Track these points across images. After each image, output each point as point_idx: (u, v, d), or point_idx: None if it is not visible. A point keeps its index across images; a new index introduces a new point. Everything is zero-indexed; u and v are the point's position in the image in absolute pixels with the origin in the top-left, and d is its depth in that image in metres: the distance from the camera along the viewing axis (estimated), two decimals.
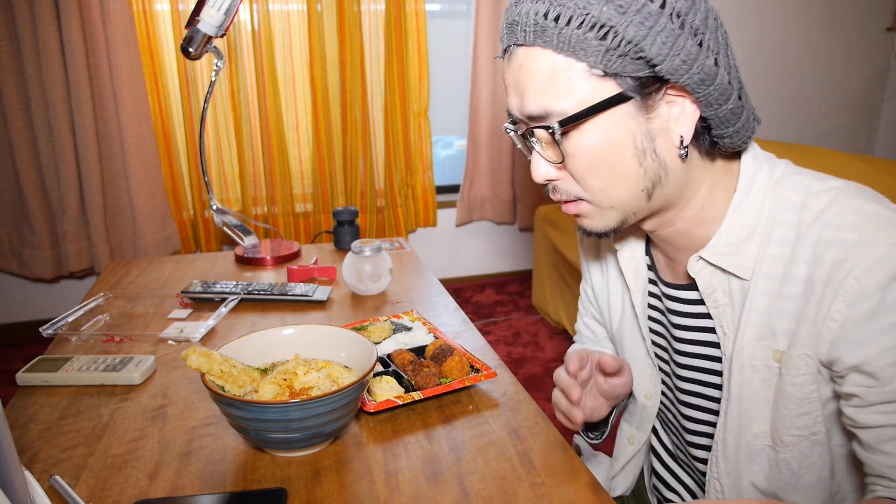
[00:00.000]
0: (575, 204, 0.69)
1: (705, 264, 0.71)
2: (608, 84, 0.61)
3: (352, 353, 0.81)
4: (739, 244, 0.69)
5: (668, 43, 0.58)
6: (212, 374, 0.72)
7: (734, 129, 0.65)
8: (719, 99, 0.62)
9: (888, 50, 3.67)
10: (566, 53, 0.60)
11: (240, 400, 0.67)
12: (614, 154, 0.64)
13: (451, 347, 0.93)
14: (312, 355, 0.82)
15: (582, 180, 0.66)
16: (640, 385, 0.90)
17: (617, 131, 0.63)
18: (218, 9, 1.22)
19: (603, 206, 0.68)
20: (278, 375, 0.75)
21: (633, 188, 0.66)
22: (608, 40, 0.58)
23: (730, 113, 0.64)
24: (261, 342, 0.83)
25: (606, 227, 0.70)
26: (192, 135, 2.66)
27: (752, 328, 0.68)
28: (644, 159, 0.64)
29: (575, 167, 0.66)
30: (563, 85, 0.62)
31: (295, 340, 0.84)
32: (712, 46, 0.60)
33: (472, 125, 3.06)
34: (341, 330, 0.84)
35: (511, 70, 0.66)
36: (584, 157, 0.64)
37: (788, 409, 0.67)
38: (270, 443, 0.71)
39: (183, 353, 0.72)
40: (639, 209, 0.68)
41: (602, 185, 0.66)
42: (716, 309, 0.72)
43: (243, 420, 0.68)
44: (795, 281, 0.65)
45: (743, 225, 0.69)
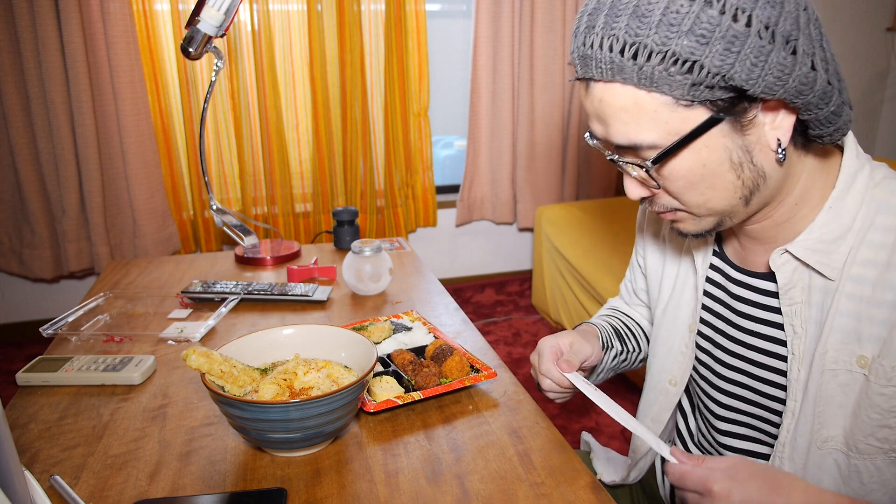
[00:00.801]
0: (672, 213, 0.69)
1: (790, 258, 0.69)
2: (698, 110, 0.58)
3: (352, 353, 0.81)
4: (831, 242, 0.67)
5: (759, 64, 0.54)
6: (212, 374, 0.72)
7: (835, 127, 0.63)
8: (819, 104, 0.59)
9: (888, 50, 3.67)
10: (648, 89, 0.58)
11: (240, 400, 0.67)
12: (711, 172, 0.62)
13: (451, 347, 0.93)
14: (312, 355, 0.82)
15: (680, 197, 0.66)
16: (665, 369, 0.87)
17: (712, 151, 0.61)
18: (218, 9, 1.22)
19: (703, 213, 0.67)
20: (278, 375, 0.75)
21: (731, 198, 0.65)
22: (693, 74, 0.55)
23: (831, 114, 0.60)
24: (261, 342, 0.83)
25: (703, 229, 0.69)
26: (192, 135, 2.66)
27: (837, 332, 0.66)
28: (742, 172, 0.63)
29: (671, 188, 0.65)
30: (649, 118, 0.60)
31: (295, 340, 0.84)
32: (807, 49, 0.56)
33: (472, 125, 3.06)
34: (341, 330, 0.84)
35: (591, 101, 0.63)
36: (681, 180, 0.63)
37: (871, 418, 0.65)
38: (270, 443, 0.71)
39: (183, 353, 0.72)
40: (736, 213, 0.67)
41: (700, 200, 0.65)
42: (790, 307, 0.70)
43: (243, 420, 0.68)
44: (890, 288, 0.63)
45: (838, 223, 0.67)
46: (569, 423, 2.15)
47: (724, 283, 0.80)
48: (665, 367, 0.88)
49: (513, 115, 3.08)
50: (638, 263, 0.97)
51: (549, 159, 3.15)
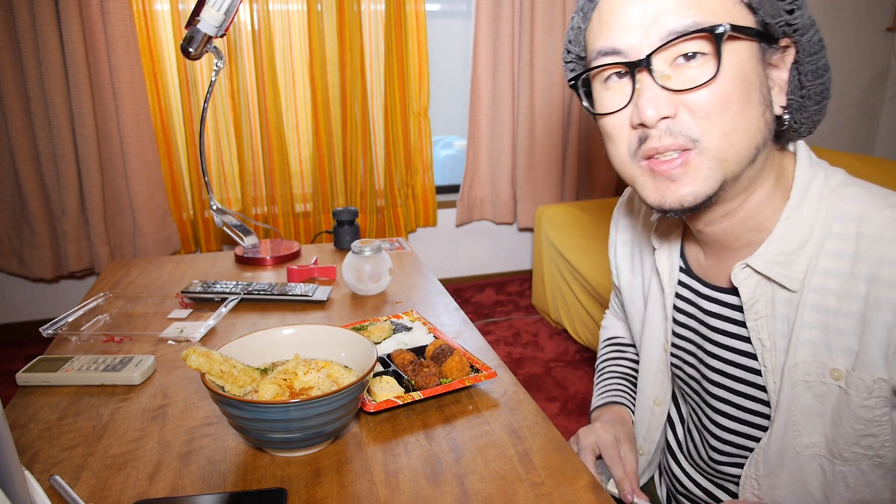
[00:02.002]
0: (684, 156, 0.61)
1: (751, 272, 0.69)
2: (751, 19, 0.60)
3: (352, 353, 0.81)
4: (791, 254, 0.66)
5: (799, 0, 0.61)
6: (212, 374, 0.72)
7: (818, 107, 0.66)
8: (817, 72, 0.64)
9: (888, 50, 3.67)
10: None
11: (240, 400, 0.67)
12: (746, 91, 0.60)
13: (451, 347, 0.93)
14: (312, 355, 0.82)
15: (710, 116, 0.60)
16: (650, 389, 0.88)
17: (752, 68, 0.60)
18: (218, 9, 1.22)
19: (716, 155, 0.61)
20: (278, 375, 0.75)
21: (749, 142, 0.61)
22: None
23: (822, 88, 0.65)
24: (261, 342, 0.83)
25: (703, 191, 0.62)
26: (192, 135, 2.66)
27: (806, 344, 0.66)
28: (765, 111, 0.62)
29: (708, 96, 0.59)
30: (713, 3, 0.59)
31: (295, 340, 0.84)
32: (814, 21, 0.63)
33: (472, 125, 3.06)
34: (341, 330, 0.84)
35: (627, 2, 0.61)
36: (723, 87, 0.59)
37: (855, 429, 0.65)
38: (270, 443, 0.71)
39: (183, 353, 0.72)
40: (739, 174, 0.63)
41: (729, 126, 0.60)
42: (755, 321, 0.70)
43: (243, 420, 0.68)
44: (855, 298, 0.62)
45: (795, 234, 0.66)
46: (569, 423, 2.15)
47: (694, 300, 0.79)
48: (648, 386, 0.88)
49: (513, 115, 3.08)
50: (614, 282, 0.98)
51: (549, 159, 3.15)
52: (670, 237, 0.82)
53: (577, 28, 0.69)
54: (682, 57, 0.60)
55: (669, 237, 0.82)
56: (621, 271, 0.93)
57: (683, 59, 0.60)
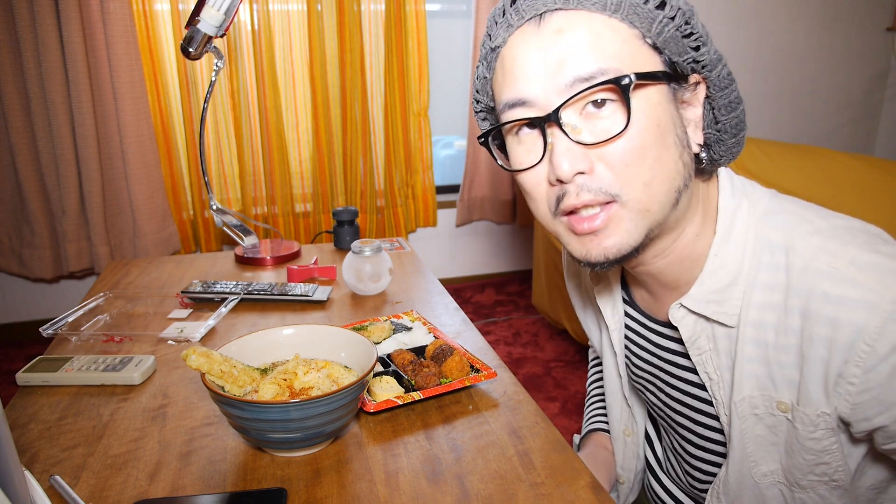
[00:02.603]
0: (605, 209, 0.59)
1: (687, 312, 0.68)
2: (656, 60, 0.57)
3: (352, 353, 0.81)
4: (723, 290, 0.65)
5: (704, 35, 0.59)
6: (212, 374, 0.72)
7: (735, 140, 0.64)
8: (729, 106, 0.62)
9: (888, 50, 3.67)
10: (619, 17, 0.56)
11: (240, 400, 0.67)
12: (661, 136, 0.58)
13: (451, 347, 0.93)
14: (312, 355, 0.82)
15: (627, 169, 0.57)
16: (617, 421, 0.89)
17: (664, 111, 0.58)
18: (218, 9, 1.22)
19: (639, 207, 0.59)
20: (278, 375, 0.75)
21: (669, 187, 0.59)
22: (665, 9, 0.56)
23: (737, 121, 0.63)
24: (261, 342, 0.83)
25: (632, 243, 0.61)
26: (192, 135, 2.66)
27: (749, 378, 0.65)
28: (682, 153, 0.60)
29: (623, 148, 0.57)
30: (616, 46, 0.55)
31: (295, 340, 0.84)
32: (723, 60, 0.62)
33: (472, 125, 3.06)
34: (341, 330, 0.84)
35: (539, 39, 0.57)
36: (636, 136, 0.56)
37: (806, 459, 0.65)
38: (270, 443, 0.71)
39: (183, 353, 0.71)
40: (661, 222, 0.61)
41: (648, 176, 0.58)
42: (699, 356, 0.69)
43: (243, 420, 0.68)
44: (791, 332, 0.61)
45: (726, 270, 0.65)
46: (569, 423, 2.15)
47: (644, 333, 0.79)
48: (615, 418, 0.89)
49: None
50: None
51: None
52: (609, 275, 0.81)
53: (482, 78, 0.66)
54: (591, 104, 0.57)
55: (609, 275, 0.81)
56: (577, 308, 0.94)
57: (593, 105, 0.57)
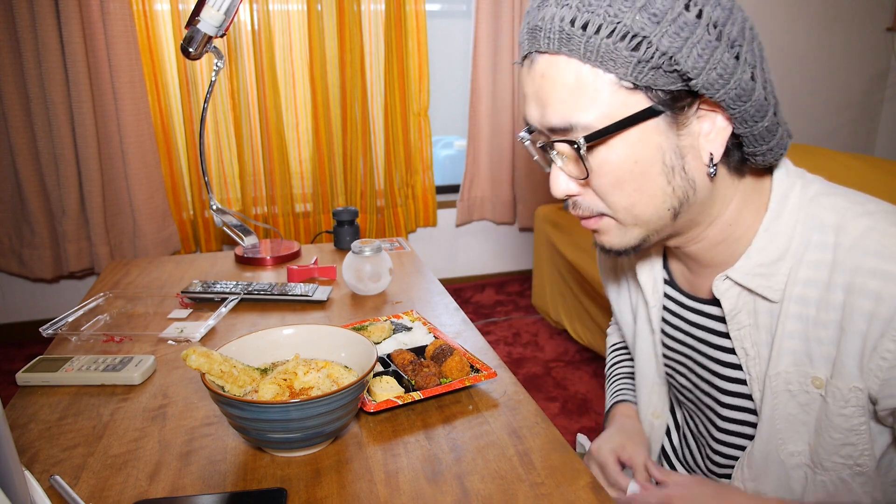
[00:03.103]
0: (596, 220, 0.66)
1: (732, 284, 0.69)
2: (638, 97, 0.58)
3: (352, 353, 0.81)
4: (771, 265, 0.66)
5: (705, 56, 0.54)
6: (212, 375, 0.72)
7: (768, 146, 0.62)
8: (755, 116, 0.59)
9: (888, 50, 3.67)
10: (593, 64, 0.57)
11: (240, 400, 0.67)
12: (641, 171, 0.60)
13: (451, 347, 0.93)
14: (312, 355, 0.82)
15: (606, 197, 0.63)
16: (646, 403, 0.88)
17: (645, 147, 0.59)
18: (218, 9, 1.22)
19: (626, 223, 0.64)
20: (278, 375, 0.75)
21: (658, 207, 0.62)
22: (640, 51, 0.55)
23: (765, 130, 0.60)
24: (261, 342, 0.83)
25: (626, 245, 0.66)
26: (192, 135, 2.66)
27: (788, 353, 0.66)
28: (673, 177, 0.61)
29: (599, 183, 0.62)
30: (588, 97, 0.58)
31: (295, 340, 0.84)
32: (749, 59, 0.57)
33: (472, 125, 3.06)
34: (341, 330, 0.84)
35: (532, 79, 0.62)
36: (610, 174, 0.61)
37: (833, 438, 0.65)
38: (270, 443, 0.71)
39: (183, 353, 0.71)
40: (662, 228, 0.65)
41: (627, 202, 0.62)
42: (738, 331, 0.70)
43: (243, 420, 0.68)
44: (833, 307, 0.62)
45: (775, 246, 0.66)
46: (569, 423, 2.15)
47: (680, 312, 0.79)
48: (645, 400, 0.89)
49: (513, 115, 3.08)
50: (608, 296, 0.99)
51: None
52: (651, 252, 0.82)
53: None
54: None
55: (651, 252, 0.82)
56: (609, 289, 0.94)
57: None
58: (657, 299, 0.81)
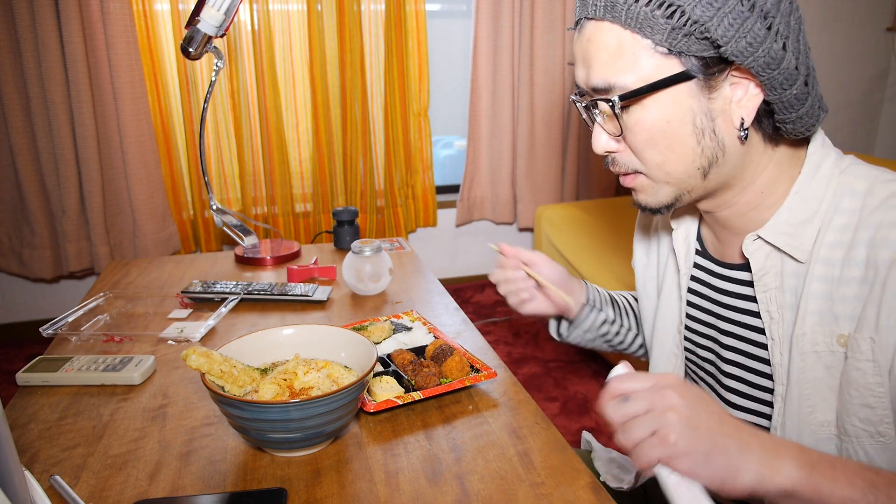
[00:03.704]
0: (632, 177, 0.71)
1: (762, 244, 0.72)
2: (672, 62, 0.63)
3: (352, 353, 0.81)
4: (799, 225, 0.69)
5: (735, 25, 0.59)
6: (212, 375, 0.72)
7: (797, 114, 0.65)
8: (784, 83, 0.62)
9: (888, 50, 3.67)
10: (633, 30, 0.62)
11: (240, 400, 0.67)
12: (673, 131, 0.65)
13: (451, 347, 0.93)
14: (312, 355, 0.82)
15: (640, 154, 0.68)
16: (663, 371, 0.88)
17: (677, 109, 0.64)
18: (218, 9, 1.23)
19: (658, 180, 0.69)
20: (278, 375, 0.75)
21: (688, 166, 0.67)
22: (674, 19, 0.60)
23: (794, 98, 0.64)
24: (261, 342, 0.83)
25: (660, 202, 0.71)
26: (192, 135, 2.66)
27: (813, 314, 0.68)
28: (702, 138, 0.66)
29: (633, 141, 0.67)
30: (627, 60, 0.64)
31: (295, 340, 0.84)
32: (782, 31, 0.61)
33: (472, 125, 3.06)
34: (341, 330, 0.84)
35: (580, 42, 0.68)
36: (643, 132, 0.66)
37: (852, 396, 0.66)
38: (270, 443, 0.71)
39: (183, 353, 0.71)
40: (694, 187, 0.69)
41: (659, 160, 0.67)
42: (764, 293, 0.72)
43: (244, 420, 0.68)
44: (856, 264, 0.64)
45: (804, 207, 0.69)
46: (569, 423, 2.15)
47: (708, 280, 0.81)
48: (661, 369, 0.89)
49: (513, 115, 3.08)
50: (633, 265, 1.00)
51: (549, 159, 3.15)
52: (687, 219, 0.85)
53: None
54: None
55: (686, 219, 0.85)
56: (637, 255, 0.96)
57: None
58: (688, 267, 0.83)
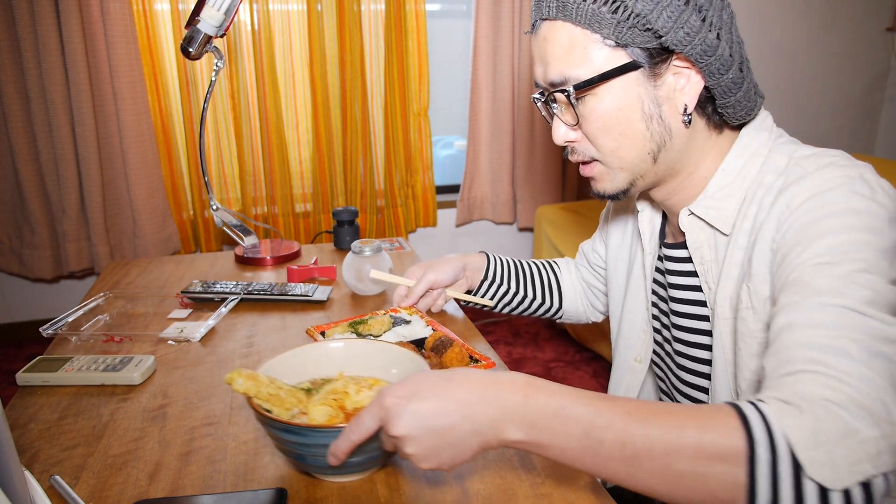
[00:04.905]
0: (590, 166, 0.76)
1: (695, 218, 0.77)
2: (620, 54, 0.68)
3: (406, 370, 0.76)
4: (722, 199, 0.74)
5: (673, 17, 0.65)
6: (259, 398, 0.66)
7: (735, 98, 0.71)
8: (720, 69, 0.68)
9: (888, 50, 3.67)
10: (583, 26, 0.68)
11: (304, 426, 0.62)
12: (624, 118, 0.71)
13: (451, 339, 0.94)
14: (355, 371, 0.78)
15: (595, 141, 0.73)
16: (630, 347, 0.93)
17: (626, 96, 0.70)
18: (218, 9, 1.23)
19: (613, 167, 0.75)
20: (328, 396, 0.70)
21: (640, 150, 0.72)
22: (619, 14, 0.66)
23: (731, 83, 0.69)
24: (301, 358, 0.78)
25: (617, 188, 0.76)
26: (192, 135, 2.66)
27: (730, 280, 0.73)
28: (651, 123, 0.71)
29: (589, 129, 0.73)
30: (579, 54, 0.69)
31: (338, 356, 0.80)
32: (715, 22, 0.67)
33: (472, 125, 3.06)
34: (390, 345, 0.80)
35: (537, 42, 0.74)
36: (598, 120, 0.71)
37: (741, 350, 0.71)
38: (327, 469, 0.66)
39: (227, 376, 0.66)
40: (646, 172, 0.75)
41: (613, 145, 0.72)
42: (702, 265, 0.77)
43: (302, 447, 0.64)
44: (765, 227, 0.69)
45: (728, 182, 0.74)
46: None
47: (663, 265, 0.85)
48: (630, 345, 0.93)
49: (513, 115, 3.08)
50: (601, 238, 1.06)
51: (549, 159, 3.15)
52: (652, 207, 0.89)
53: None
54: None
55: (651, 207, 0.89)
56: (612, 234, 1.00)
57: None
58: (653, 247, 0.88)
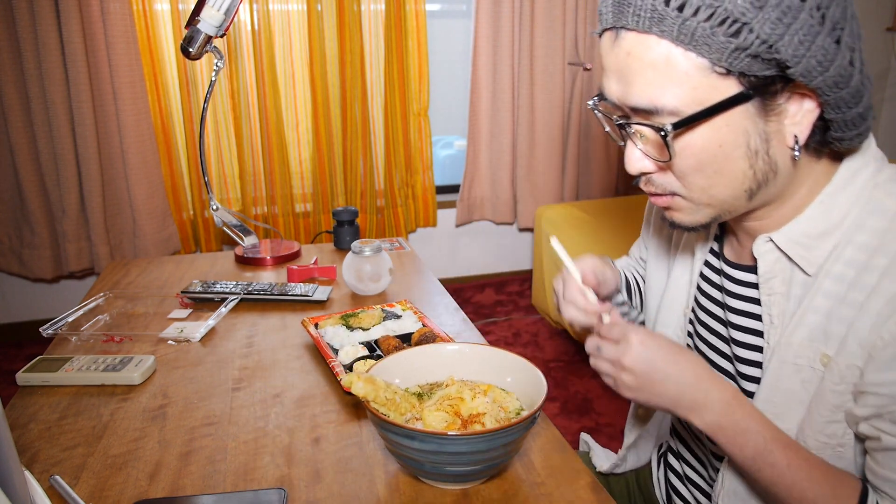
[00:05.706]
0: (668, 199, 0.65)
1: (773, 247, 0.67)
2: (729, 82, 0.56)
3: (520, 380, 0.75)
4: (815, 238, 0.64)
5: (806, 42, 0.52)
6: (377, 402, 0.67)
7: (857, 132, 0.60)
8: (850, 102, 0.57)
9: (888, 50, 3.67)
10: (686, 47, 0.55)
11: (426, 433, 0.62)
12: (724, 155, 0.59)
13: (435, 335, 0.96)
14: (463, 376, 0.78)
15: (683, 178, 0.62)
16: None
17: (731, 131, 0.58)
18: (218, 9, 1.23)
19: (699, 203, 0.64)
20: (442, 401, 0.70)
21: (736, 189, 0.62)
22: (739, 38, 0.52)
23: (857, 116, 0.58)
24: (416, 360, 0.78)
25: (696, 223, 0.66)
26: (192, 135, 2.66)
27: (806, 327, 0.65)
28: (756, 161, 0.60)
29: (679, 166, 0.61)
30: (677, 80, 0.56)
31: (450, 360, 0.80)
32: (849, 42, 0.54)
33: (472, 125, 3.06)
34: (503, 352, 0.79)
35: (615, 54, 0.59)
36: (692, 157, 0.60)
37: (822, 415, 0.64)
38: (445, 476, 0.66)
39: (345, 380, 0.67)
40: (736, 209, 0.65)
41: (705, 184, 0.61)
42: (768, 297, 0.68)
43: (422, 452, 0.63)
44: (863, 288, 0.60)
45: (825, 219, 0.64)
46: (569, 424, 2.15)
47: (713, 278, 0.79)
48: None
49: (513, 115, 3.08)
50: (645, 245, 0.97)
51: (549, 159, 3.15)
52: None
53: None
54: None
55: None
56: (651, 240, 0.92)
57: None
58: (703, 252, 0.80)
